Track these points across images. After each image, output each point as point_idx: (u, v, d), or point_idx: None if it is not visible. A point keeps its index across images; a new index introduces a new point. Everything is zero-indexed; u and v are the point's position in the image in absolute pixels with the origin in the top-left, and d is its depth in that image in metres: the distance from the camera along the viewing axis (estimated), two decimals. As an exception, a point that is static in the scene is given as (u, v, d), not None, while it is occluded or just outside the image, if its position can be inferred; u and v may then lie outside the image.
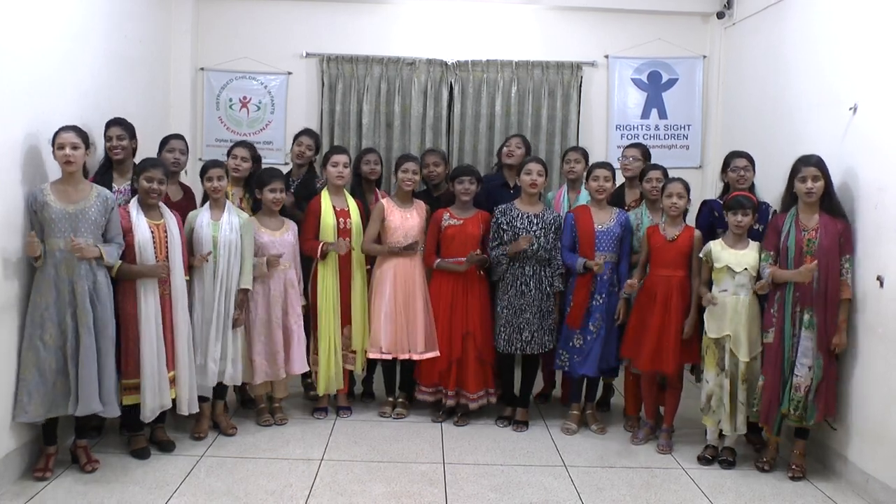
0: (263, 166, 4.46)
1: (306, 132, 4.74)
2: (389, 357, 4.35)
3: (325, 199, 4.31)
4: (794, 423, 3.70)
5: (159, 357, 3.63)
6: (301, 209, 4.43)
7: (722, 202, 4.23)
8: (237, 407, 4.53)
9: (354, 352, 4.39)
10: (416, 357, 4.31)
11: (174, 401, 3.75)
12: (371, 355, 4.37)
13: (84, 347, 3.34)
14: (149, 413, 3.64)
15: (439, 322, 4.29)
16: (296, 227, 4.29)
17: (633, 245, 4.27)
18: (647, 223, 4.24)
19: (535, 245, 4.17)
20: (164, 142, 4.25)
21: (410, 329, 4.30)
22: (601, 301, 4.18)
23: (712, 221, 4.21)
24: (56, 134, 3.40)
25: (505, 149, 4.76)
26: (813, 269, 3.55)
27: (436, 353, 4.28)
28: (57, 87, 3.70)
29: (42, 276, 3.34)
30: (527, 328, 4.20)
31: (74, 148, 3.38)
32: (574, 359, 4.21)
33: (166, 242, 3.69)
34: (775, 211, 4.04)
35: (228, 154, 4.39)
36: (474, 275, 4.30)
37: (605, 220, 4.21)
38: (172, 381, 3.72)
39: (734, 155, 4.21)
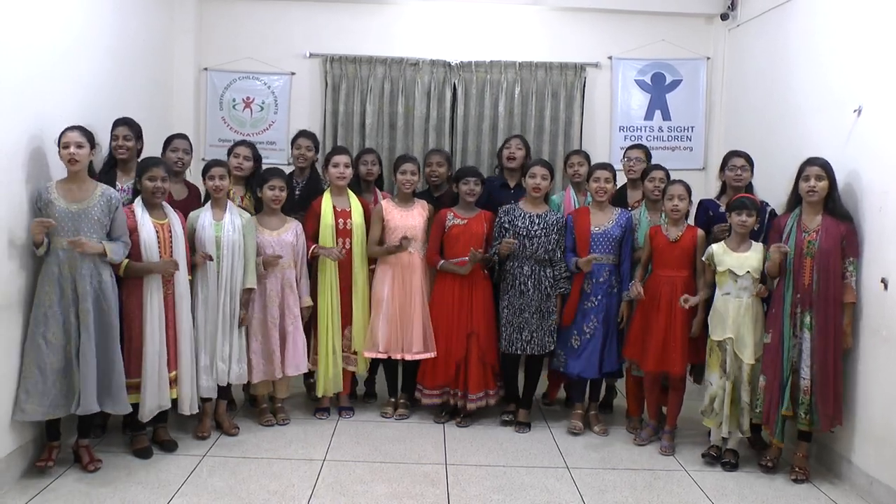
0: (266, 166, 4.45)
1: (303, 134, 4.71)
2: (386, 356, 4.35)
3: (326, 200, 4.32)
4: (804, 427, 3.68)
5: (161, 357, 3.63)
6: (305, 210, 4.43)
7: (718, 202, 4.25)
8: (244, 405, 4.54)
9: (356, 353, 4.38)
10: (408, 357, 4.31)
11: (175, 401, 3.75)
12: (367, 354, 4.37)
13: (84, 347, 3.34)
14: (147, 413, 3.63)
15: (444, 323, 4.28)
16: (299, 227, 4.27)
17: (634, 245, 4.27)
18: (644, 223, 4.25)
19: (536, 245, 4.17)
20: (168, 141, 4.26)
21: (406, 329, 4.30)
22: (597, 302, 4.17)
23: (707, 221, 4.22)
24: (62, 134, 3.40)
25: (506, 151, 4.74)
26: (784, 248, 3.56)
27: (432, 355, 4.28)
28: (59, 86, 3.70)
29: (46, 274, 3.35)
30: (526, 328, 4.20)
31: (79, 147, 3.38)
32: (570, 359, 4.21)
33: (170, 242, 3.69)
34: (773, 210, 4.04)
35: (230, 153, 4.39)
36: (479, 275, 4.30)
37: (603, 221, 4.21)
38: (174, 381, 3.72)
39: (732, 154, 4.22)
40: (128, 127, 3.97)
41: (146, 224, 3.62)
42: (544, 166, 4.28)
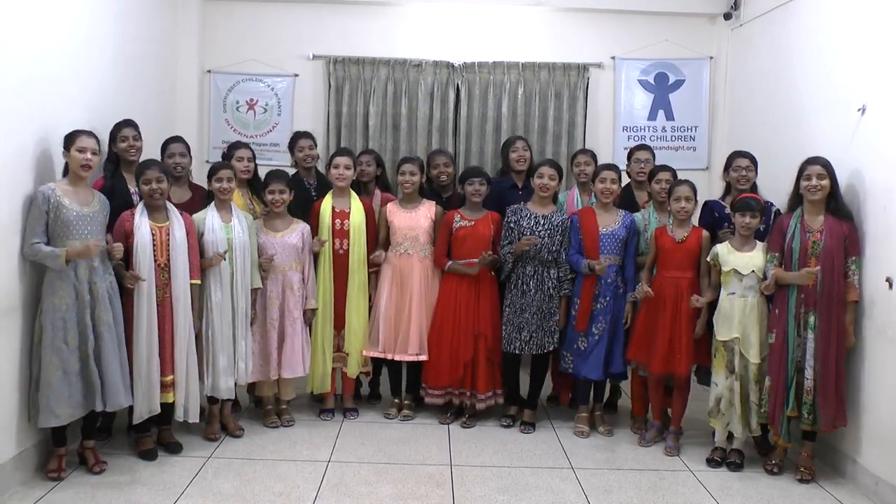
0: (271, 168, 4.44)
1: (302, 135, 4.67)
2: (383, 356, 4.36)
3: (327, 200, 4.34)
4: (807, 427, 3.67)
5: (149, 360, 3.59)
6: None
7: (723, 203, 4.24)
8: (249, 406, 4.55)
9: (348, 354, 4.37)
10: (403, 358, 4.32)
11: (173, 405, 3.73)
12: (367, 353, 4.38)
13: (107, 344, 3.38)
14: (136, 416, 3.62)
15: (451, 324, 4.27)
16: (306, 229, 4.26)
17: (641, 246, 4.26)
18: (654, 224, 4.23)
19: (539, 245, 4.17)
20: (164, 147, 4.20)
21: (401, 330, 4.31)
22: (605, 304, 4.16)
23: (713, 222, 4.21)
24: (76, 137, 3.41)
25: (513, 154, 4.73)
26: (814, 272, 3.54)
27: (424, 357, 4.29)
28: (63, 89, 3.70)
29: (56, 278, 3.33)
30: (526, 328, 4.20)
31: (94, 154, 3.43)
32: (577, 361, 4.20)
33: (167, 245, 3.67)
34: (778, 210, 4.03)
35: (230, 156, 4.33)
36: (485, 275, 4.30)
37: (609, 222, 4.20)
38: (172, 385, 3.70)
39: (736, 155, 4.21)
40: (133, 128, 3.97)
41: (142, 227, 3.60)
42: (552, 166, 4.27)
